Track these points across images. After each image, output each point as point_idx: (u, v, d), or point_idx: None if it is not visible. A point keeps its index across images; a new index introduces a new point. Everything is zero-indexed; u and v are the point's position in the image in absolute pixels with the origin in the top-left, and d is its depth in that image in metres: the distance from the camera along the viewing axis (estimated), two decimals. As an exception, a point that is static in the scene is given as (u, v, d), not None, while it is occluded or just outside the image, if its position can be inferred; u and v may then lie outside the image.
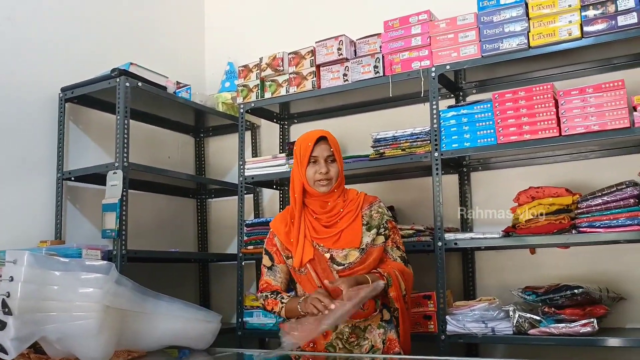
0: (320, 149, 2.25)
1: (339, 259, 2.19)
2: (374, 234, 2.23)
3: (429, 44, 2.82)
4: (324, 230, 2.23)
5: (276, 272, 2.29)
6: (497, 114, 2.63)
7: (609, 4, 2.46)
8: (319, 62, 3.09)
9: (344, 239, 2.21)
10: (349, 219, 2.23)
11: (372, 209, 2.28)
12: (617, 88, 2.42)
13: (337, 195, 2.27)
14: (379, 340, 2.19)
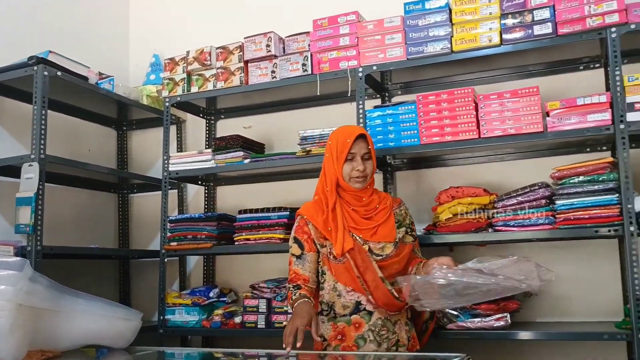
0: (359, 147, 2.29)
1: (376, 250, 2.25)
2: (403, 232, 2.35)
3: (357, 45, 2.87)
4: (362, 221, 2.29)
5: (305, 260, 2.27)
6: (421, 115, 2.70)
7: (526, 14, 2.58)
8: (247, 58, 3.08)
9: (380, 232, 2.27)
10: (383, 215, 2.31)
11: (400, 209, 2.41)
12: (532, 94, 2.54)
13: (370, 191, 2.34)
14: (405, 336, 2.28)
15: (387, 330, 2.23)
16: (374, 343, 2.20)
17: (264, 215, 3.01)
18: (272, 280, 3.00)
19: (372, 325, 2.21)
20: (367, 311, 2.23)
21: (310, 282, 2.26)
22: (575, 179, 2.46)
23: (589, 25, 2.47)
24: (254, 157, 3.09)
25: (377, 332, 2.21)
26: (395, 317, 2.25)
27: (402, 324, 2.28)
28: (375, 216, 2.30)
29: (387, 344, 2.21)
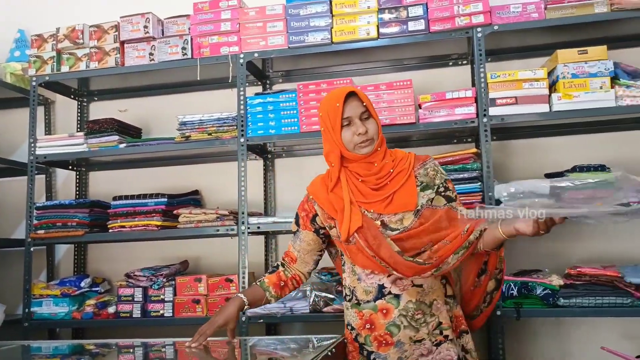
0: (352, 107, 1.90)
1: (392, 224, 1.88)
2: (430, 194, 1.91)
3: (238, 31, 2.85)
4: (373, 193, 1.91)
5: (298, 238, 2.03)
6: (301, 104, 2.75)
7: (402, 10, 2.70)
8: (124, 39, 2.96)
9: (397, 201, 1.89)
10: (400, 179, 1.91)
11: (426, 167, 1.95)
12: (406, 87, 2.67)
13: (381, 154, 1.93)
14: (446, 316, 1.91)
15: (423, 312, 1.88)
16: (410, 329, 1.87)
17: (141, 202, 2.92)
18: (148, 269, 2.93)
19: (402, 310, 1.87)
20: (394, 295, 1.88)
21: (297, 264, 2.04)
22: (443, 168, 2.62)
23: (458, 25, 2.64)
24: (130, 142, 2.99)
25: (411, 317, 1.87)
26: (430, 297, 1.89)
27: (441, 302, 1.91)
28: (390, 183, 1.90)
29: (426, 328, 1.88)
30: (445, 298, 1.94)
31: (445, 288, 1.95)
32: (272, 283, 2.01)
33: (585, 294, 2.42)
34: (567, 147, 2.87)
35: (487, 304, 2.00)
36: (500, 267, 1.94)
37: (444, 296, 1.94)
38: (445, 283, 1.96)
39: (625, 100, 2.48)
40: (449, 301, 1.95)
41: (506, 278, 2.50)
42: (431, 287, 1.90)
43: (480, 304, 2.00)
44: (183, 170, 3.26)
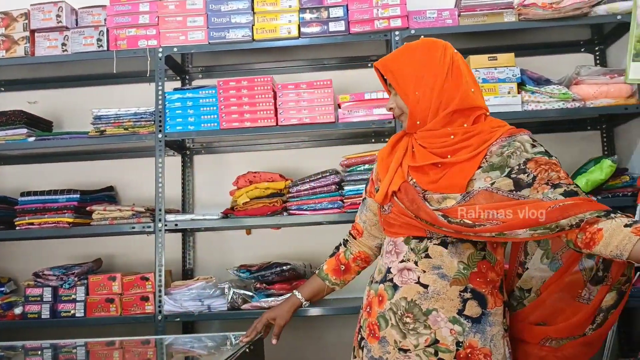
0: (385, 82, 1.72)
1: (433, 202, 1.56)
2: (496, 177, 1.53)
3: (157, 24, 2.80)
4: (428, 156, 1.59)
5: (364, 207, 1.81)
6: (221, 100, 2.73)
7: (323, 10, 2.74)
8: (34, 28, 2.83)
9: (446, 180, 1.56)
10: (465, 154, 1.56)
11: (508, 145, 1.56)
12: (326, 86, 2.71)
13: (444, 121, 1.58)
14: (450, 338, 1.52)
15: (414, 319, 1.55)
16: (396, 330, 1.57)
17: (51, 198, 2.80)
18: (58, 267, 2.82)
19: (394, 304, 1.58)
20: (393, 284, 1.60)
21: (364, 237, 1.82)
22: (361, 167, 2.69)
23: (377, 27, 2.70)
24: (40, 136, 2.87)
25: (399, 317, 1.57)
26: (429, 304, 1.54)
27: (444, 317, 1.53)
28: (452, 155, 1.58)
29: (416, 339, 1.54)
30: (456, 315, 1.53)
31: (465, 304, 1.53)
32: (330, 269, 1.84)
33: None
34: (477, 148, 3.00)
35: (596, 325, 1.53)
36: (629, 275, 1.49)
37: (455, 312, 1.53)
38: (470, 298, 1.54)
39: (530, 105, 2.63)
40: (464, 323, 1.53)
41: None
42: (438, 293, 1.55)
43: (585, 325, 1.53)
44: (97, 165, 3.16)
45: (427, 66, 1.59)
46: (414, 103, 1.60)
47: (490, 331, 1.54)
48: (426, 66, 1.59)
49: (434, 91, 1.58)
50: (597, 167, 2.58)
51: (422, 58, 1.61)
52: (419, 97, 1.60)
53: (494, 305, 1.56)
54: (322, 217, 2.70)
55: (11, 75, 3.15)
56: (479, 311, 1.53)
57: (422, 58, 1.61)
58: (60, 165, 3.18)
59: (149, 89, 2.84)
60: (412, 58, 1.63)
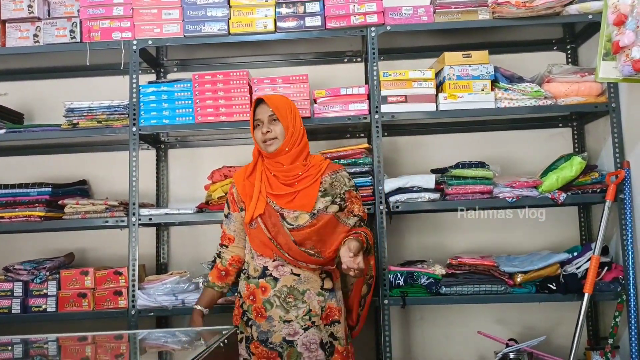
0: (261, 111, 2.27)
1: (289, 219, 2.20)
2: (328, 201, 2.23)
3: (132, 16, 2.76)
4: (281, 187, 2.24)
5: (231, 220, 2.34)
6: (197, 94, 2.71)
7: (299, 5, 2.73)
8: (5, 18, 2.78)
9: (298, 201, 2.21)
10: (306, 182, 2.23)
11: (333, 177, 2.28)
12: (302, 81, 2.71)
13: (292, 157, 2.25)
14: (317, 306, 2.21)
15: (294, 298, 2.20)
16: (280, 309, 2.19)
17: (22, 192, 2.77)
18: (30, 262, 2.78)
19: (277, 291, 2.20)
20: (273, 277, 2.21)
21: (236, 242, 2.34)
22: (336, 162, 2.69)
23: (353, 23, 2.71)
24: (11, 128, 2.82)
25: (283, 299, 2.20)
26: (304, 286, 2.21)
27: (314, 293, 2.21)
28: (297, 184, 2.24)
29: (295, 311, 2.19)
30: (320, 290, 2.23)
31: (323, 282, 2.25)
32: (215, 278, 2.34)
33: (464, 283, 2.58)
34: (451, 144, 3.04)
35: (362, 307, 2.39)
36: (371, 274, 2.36)
37: (319, 288, 2.23)
38: (325, 277, 2.26)
39: (503, 102, 2.66)
40: (324, 293, 2.24)
41: (393, 268, 2.63)
42: (307, 278, 2.22)
43: (358, 309, 2.38)
44: (70, 159, 3.12)
45: (296, 112, 2.31)
46: (289, 135, 2.24)
47: (338, 295, 2.28)
48: (296, 112, 2.31)
49: (299, 130, 2.28)
50: (568, 164, 2.63)
51: (293, 107, 2.31)
52: (292, 132, 2.24)
53: (337, 277, 2.29)
54: (297, 212, 2.70)
55: (-19, 66, 3.09)
56: (330, 284, 2.25)
57: (293, 107, 2.31)
58: (32, 158, 3.13)
59: (123, 81, 2.82)
60: (288, 103, 2.31)
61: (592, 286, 2.46)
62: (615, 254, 2.67)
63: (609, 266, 2.59)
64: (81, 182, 3.04)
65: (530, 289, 2.58)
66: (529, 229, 2.94)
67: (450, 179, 2.66)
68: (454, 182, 2.64)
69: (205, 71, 2.82)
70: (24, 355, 1.84)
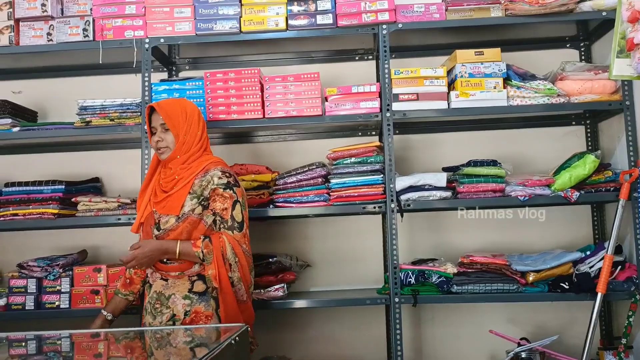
0: (155, 118, 2.28)
1: (161, 224, 2.22)
2: (195, 204, 2.22)
3: (144, 15, 2.78)
4: (159, 194, 2.27)
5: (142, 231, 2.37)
6: (208, 92, 2.72)
7: (310, 3, 2.73)
8: (19, 16, 2.80)
9: (168, 205, 2.22)
10: (180, 185, 2.23)
11: (204, 179, 2.24)
12: (313, 79, 2.71)
13: (179, 163, 2.26)
14: (181, 310, 2.18)
15: (161, 304, 2.21)
16: (150, 315, 2.23)
17: (36, 189, 2.79)
18: (43, 259, 2.80)
19: (150, 297, 2.25)
20: (149, 284, 2.28)
21: None
22: (347, 160, 2.70)
23: (364, 21, 2.71)
24: (25, 126, 2.84)
25: (152, 305, 2.23)
26: (170, 291, 2.21)
27: (179, 297, 2.20)
28: (174, 187, 2.25)
29: (160, 317, 2.20)
30: (187, 293, 2.19)
31: (193, 284, 2.21)
32: (120, 285, 2.41)
33: (476, 281, 2.57)
34: (463, 142, 3.03)
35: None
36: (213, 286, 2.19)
37: (187, 292, 2.20)
38: (196, 280, 2.21)
39: (515, 100, 2.65)
40: (192, 297, 2.19)
41: (404, 267, 2.63)
42: (174, 282, 2.22)
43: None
44: (83, 156, 3.14)
45: (193, 117, 2.28)
46: (180, 143, 2.24)
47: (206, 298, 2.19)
48: (193, 117, 2.28)
49: (194, 136, 2.26)
50: (581, 162, 2.61)
51: (189, 111, 2.28)
52: (185, 140, 2.24)
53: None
54: (308, 210, 2.71)
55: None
56: (202, 288, 2.19)
57: (189, 111, 2.28)
58: (46, 155, 3.15)
59: (136, 80, 2.83)
60: (184, 110, 2.28)
61: (605, 285, 2.44)
62: (629, 253, 2.64)
63: (623, 265, 2.57)
64: (94, 179, 3.06)
65: (543, 288, 2.57)
66: (541, 227, 2.92)
67: (462, 177, 2.65)
68: (465, 180, 2.63)
69: (217, 69, 2.82)
70: (37, 351, 1.86)
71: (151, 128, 2.31)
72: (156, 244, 2.17)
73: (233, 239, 2.18)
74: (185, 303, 2.19)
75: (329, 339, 3.01)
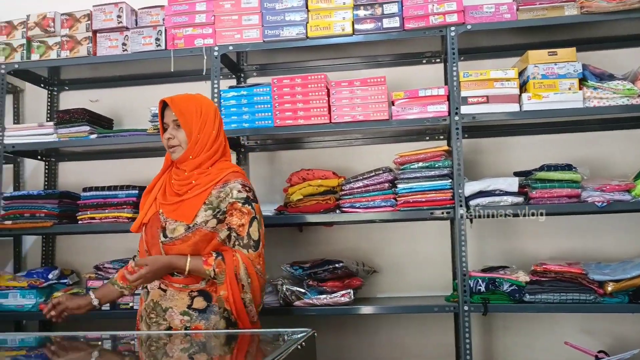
0: (168, 114, 2.13)
1: (168, 230, 2.06)
2: (209, 215, 2.04)
3: (213, 23, 2.84)
4: (171, 196, 2.10)
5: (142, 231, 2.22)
6: (275, 98, 2.75)
7: (377, 7, 2.71)
8: (96, 28, 2.92)
9: (180, 211, 2.05)
10: (195, 191, 2.07)
11: (223, 190, 2.07)
12: (380, 83, 2.69)
13: (194, 164, 2.09)
14: (180, 326, 2.03)
15: (157, 314, 2.06)
16: (144, 324, 2.10)
17: (111, 194, 2.89)
18: (118, 261, 2.90)
19: (146, 304, 2.10)
20: (147, 290, 2.13)
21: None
22: (415, 165, 2.66)
23: (432, 23, 2.66)
24: (101, 133, 2.96)
25: (147, 314, 2.09)
26: (167, 304, 2.05)
27: (176, 312, 2.03)
28: (188, 192, 2.08)
29: (156, 328, 2.05)
30: (186, 309, 2.03)
31: (193, 300, 2.04)
32: (119, 277, 2.22)
33: (550, 290, 2.47)
34: (535, 146, 2.93)
35: None
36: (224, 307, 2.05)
37: (184, 307, 2.03)
38: (197, 296, 2.04)
39: (592, 101, 2.53)
40: (191, 313, 2.03)
41: (474, 274, 2.56)
42: (172, 295, 2.06)
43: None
44: (154, 162, 3.21)
45: (208, 115, 2.11)
46: (193, 142, 2.08)
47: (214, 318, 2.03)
48: (208, 115, 2.11)
49: (208, 135, 2.10)
50: (664, 166, 2.47)
51: (205, 109, 2.11)
52: (198, 138, 2.08)
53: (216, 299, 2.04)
54: (374, 215, 2.68)
55: (74, 75, 3.26)
56: (202, 304, 2.03)
57: (204, 109, 2.11)
58: (120, 161, 3.27)
59: (205, 87, 2.89)
60: (199, 107, 2.11)
61: (692, 297, 2.30)
62: None
63: None
64: (165, 184, 3.14)
65: (622, 299, 2.44)
66: (620, 234, 2.78)
67: (535, 182, 2.55)
68: (538, 185, 2.54)
69: (283, 75, 2.85)
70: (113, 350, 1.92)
71: (163, 124, 2.15)
72: (165, 262, 2.01)
73: (247, 258, 2.03)
74: (184, 319, 2.03)
75: (396, 345, 2.97)
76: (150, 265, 1.99)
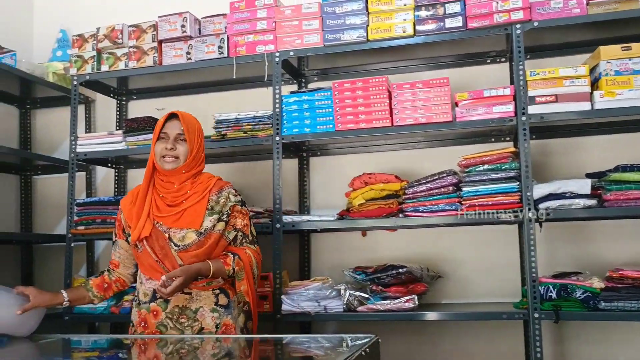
0: (171, 126, 2.25)
1: (176, 239, 2.18)
2: (215, 220, 2.21)
3: (274, 29, 2.86)
4: (166, 208, 2.22)
5: (117, 246, 2.34)
6: (336, 102, 2.74)
7: (439, 7, 2.66)
8: (161, 38, 3.00)
9: (184, 218, 2.19)
10: (194, 199, 2.22)
11: (220, 195, 2.25)
12: (443, 85, 2.63)
13: (184, 178, 2.24)
14: (211, 323, 2.17)
15: (187, 317, 2.17)
16: (175, 330, 2.17)
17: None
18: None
19: (169, 313, 2.18)
20: (164, 299, 2.18)
21: (120, 268, 2.35)
22: (480, 167, 2.59)
23: (496, 21, 2.59)
24: (168, 140, 3.02)
25: (176, 320, 2.17)
26: (196, 304, 2.18)
27: (207, 310, 2.18)
28: (184, 202, 2.22)
29: (190, 331, 2.16)
30: (214, 306, 2.19)
31: (218, 297, 2.20)
32: (95, 285, 2.32)
33: (627, 298, 2.35)
34: (609, 146, 2.79)
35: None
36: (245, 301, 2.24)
37: (213, 304, 2.19)
38: (219, 293, 2.21)
39: (671, 98, 2.40)
40: (219, 310, 2.19)
41: (544, 280, 2.46)
42: (199, 295, 2.18)
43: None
44: (217, 168, 3.28)
45: (202, 135, 2.32)
46: (192, 157, 2.23)
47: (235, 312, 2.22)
48: (202, 135, 2.32)
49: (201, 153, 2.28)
50: None
51: (201, 129, 2.32)
52: (195, 154, 2.24)
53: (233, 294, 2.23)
54: (438, 219, 2.63)
55: (141, 84, 3.36)
56: (225, 300, 2.21)
57: (201, 129, 2.32)
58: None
59: (267, 92, 2.92)
60: (198, 125, 2.31)
61: None
62: None
63: None
64: (229, 190, 3.18)
65: None
66: None
67: (609, 183, 2.44)
68: (613, 187, 2.42)
69: (344, 79, 2.84)
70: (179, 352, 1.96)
71: (161, 133, 2.25)
72: (195, 270, 2.11)
73: (256, 252, 2.27)
74: (214, 316, 2.19)
75: (463, 352, 2.90)
76: (184, 275, 2.08)
